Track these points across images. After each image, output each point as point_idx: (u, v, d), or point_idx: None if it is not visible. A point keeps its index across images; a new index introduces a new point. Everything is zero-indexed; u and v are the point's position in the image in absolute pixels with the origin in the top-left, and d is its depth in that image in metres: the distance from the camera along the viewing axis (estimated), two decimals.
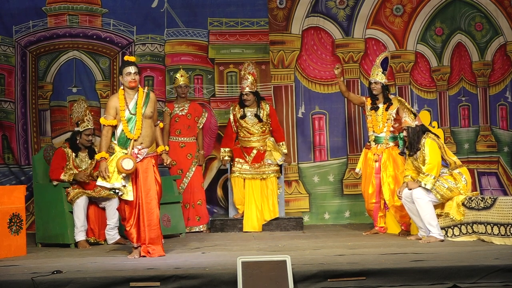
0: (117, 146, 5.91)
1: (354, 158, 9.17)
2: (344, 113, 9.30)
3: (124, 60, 6.06)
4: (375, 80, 7.64)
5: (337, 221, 9.12)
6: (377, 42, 9.40)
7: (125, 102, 5.92)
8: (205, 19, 9.19)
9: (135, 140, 5.87)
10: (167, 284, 4.70)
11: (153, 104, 6.02)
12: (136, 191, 5.87)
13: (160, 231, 5.98)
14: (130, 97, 5.95)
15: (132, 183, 5.87)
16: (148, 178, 5.91)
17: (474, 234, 6.52)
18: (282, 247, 6.51)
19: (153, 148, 6.02)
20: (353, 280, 4.71)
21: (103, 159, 5.85)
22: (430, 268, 4.81)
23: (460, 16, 9.43)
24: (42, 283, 4.67)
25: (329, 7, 9.36)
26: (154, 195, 5.90)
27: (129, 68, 5.94)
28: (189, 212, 8.23)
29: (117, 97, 5.97)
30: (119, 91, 6.00)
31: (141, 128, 5.88)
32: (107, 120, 5.94)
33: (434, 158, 6.64)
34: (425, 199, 6.58)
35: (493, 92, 9.47)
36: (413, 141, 6.79)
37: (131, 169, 5.77)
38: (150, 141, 5.96)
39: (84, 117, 7.28)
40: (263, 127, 8.23)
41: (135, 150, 5.87)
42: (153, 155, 6.02)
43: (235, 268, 4.62)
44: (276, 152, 8.17)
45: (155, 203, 5.90)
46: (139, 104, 5.90)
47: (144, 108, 5.92)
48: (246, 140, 8.26)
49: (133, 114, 5.89)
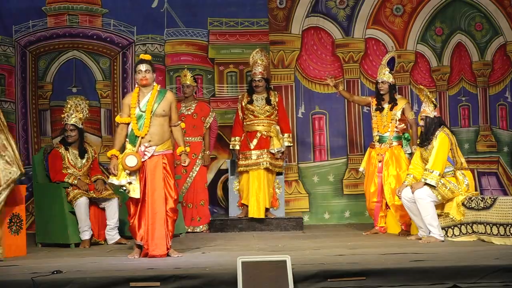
0: (128, 143, 5.93)
1: (354, 158, 9.18)
2: (344, 113, 9.30)
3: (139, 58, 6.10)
4: (382, 79, 7.63)
5: (337, 221, 9.12)
6: (377, 42, 9.40)
7: (137, 99, 5.93)
8: (205, 19, 9.20)
9: (142, 137, 5.87)
10: (167, 284, 4.70)
11: (168, 103, 5.94)
12: (144, 188, 5.86)
13: (167, 232, 5.87)
14: (143, 95, 5.95)
15: (140, 180, 5.86)
16: (156, 177, 5.86)
17: (474, 234, 6.52)
18: (282, 247, 6.50)
19: (165, 146, 5.94)
20: (353, 280, 4.71)
21: (114, 157, 5.87)
22: (430, 268, 4.81)
23: (460, 16, 9.44)
24: (42, 283, 4.67)
25: (329, 7, 9.36)
26: (160, 195, 5.83)
27: (140, 66, 5.95)
28: (192, 212, 8.23)
29: (131, 94, 6.00)
30: (134, 89, 6.03)
31: (149, 126, 5.86)
32: (120, 118, 5.98)
33: (441, 154, 6.60)
34: (427, 199, 6.57)
35: (493, 92, 9.48)
36: (428, 131, 6.74)
37: (134, 166, 5.78)
38: (160, 139, 5.90)
39: (66, 112, 7.29)
40: (270, 110, 8.18)
41: (142, 147, 5.87)
42: (165, 153, 5.93)
43: (235, 268, 4.62)
44: (276, 140, 8.13)
45: (160, 202, 5.82)
46: (150, 102, 5.89)
47: (156, 106, 5.90)
48: (250, 124, 8.20)
49: (143, 112, 5.89)
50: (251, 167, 8.08)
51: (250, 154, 8.11)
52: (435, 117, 6.78)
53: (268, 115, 8.18)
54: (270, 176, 8.15)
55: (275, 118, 8.22)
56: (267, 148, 8.08)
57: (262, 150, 8.08)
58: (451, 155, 6.71)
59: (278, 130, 8.16)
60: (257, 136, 8.12)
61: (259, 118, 8.17)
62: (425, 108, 6.81)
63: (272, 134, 8.13)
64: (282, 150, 8.15)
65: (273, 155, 8.10)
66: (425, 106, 6.82)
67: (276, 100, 8.22)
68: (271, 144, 8.11)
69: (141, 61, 5.99)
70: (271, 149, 8.08)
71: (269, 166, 8.04)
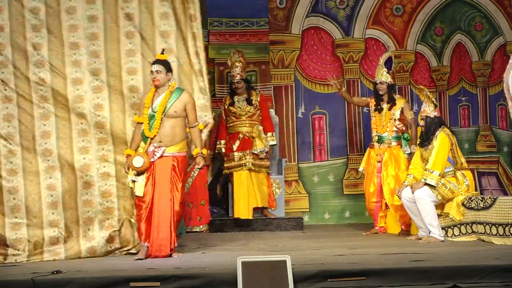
0: (142, 142, 5.93)
1: (354, 158, 9.18)
2: (344, 113, 9.30)
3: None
4: (381, 80, 7.63)
5: (337, 221, 9.13)
6: (377, 42, 9.41)
7: (151, 100, 5.89)
8: (205, 19, 9.18)
9: (152, 138, 5.86)
10: (167, 284, 4.69)
11: (182, 104, 5.87)
12: (152, 189, 5.84)
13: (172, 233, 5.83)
14: (158, 95, 5.91)
15: (148, 180, 5.85)
16: (164, 179, 5.81)
17: (474, 234, 6.52)
18: (282, 247, 6.50)
19: (177, 147, 5.88)
20: (353, 280, 4.71)
21: (128, 156, 5.88)
22: (430, 268, 4.80)
23: (460, 16, 9.44)
24: (42, 283, 4.67)
25: (329, 7, 9.36)
26: (167, 197, 5.79)
27: (152, 66, 5.92)
28: (191, 212, 8.23)
29: (147, 94, 5.97)
30: (151, 89, 6.00)
31: (158, 127, 5.83)
32: (138, 118, 5.96)
33: (441, 154, 6.60)
34: (427, 199, 6.57)
35: (493, 92, 9.49)
36: (428, 131, 6.74)
37: (141, 166, 5.77)
38: (171, 140, 5.85)
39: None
40: (252, 111, 8.19)
41: (151, 147, 5.86)
42: (176, 155, 5.87)
43: (235, 268, 4.62)
44: (259, 141, 8.13)
45: (167, 204, 5.78)
46: (162, 103, 5.85)
47: (168, 106, 5.85)
48: (232, 126, 8.24)
49: (155, 112, 5.87)
50: (234, 168, 8.10)
51: (233, 156, 8.12)
52: (435, 117, 6.77)
53: (250, 116, 8.19)
54: (260, 176, 8.13)
55: (258, 118, 8.24)
56: (249, 149, 8.09)
57: (245, 151, 8.09)
58: (451, 155, 6.71)
59: (260, 130, 8.17)
60: (240, 138, 8.15)
61: (241, 119, 8.19)
62: (425, 108, 6.81)
63: (255, 135, 8.14)
64: (265, 150, 8.14)
65: (256, 156, 8.09)
66: (425, 106, 6.82)
67: (258, 100, 8.23)
68: (254, 145, 8.11)
69: (155, 61, 5.95)
70: (253, 150, 8.09)
71: (252, 167, 8.03)
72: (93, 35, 6.14)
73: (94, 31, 6.15)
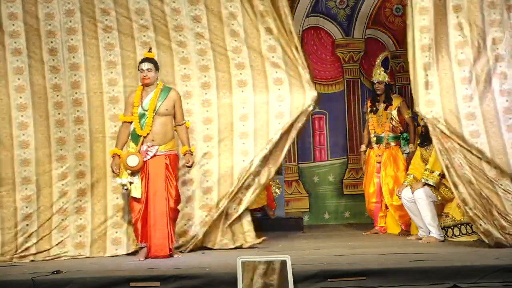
0: (131, 142, 5.91)
1: (354, 158, 9.18)
2: (344, 113, 9.30)
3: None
4: (378, 80, 7.65)
5: (337, 221, 9.13)
6: (377, 42, 9.40)
7: (140, 98, 5.90)
8: None
9: (144, 137, 5.86)
10: (167, 284, 4.70)
11: (171, 102, 5.91)
12: (145, 189, 5.84)
13: (169, 232, 5.84)
14: (146, 93, 5.92)
15: (142, 180, 5.85)
16: (158, 178, 5.83)
17: (474, 234, 6.51)
18: (282, 247, 6.51)
19: (168, 146, 5.91)
20: (353, 280, 4.71)
21: (115, 156, 5.87)
22: (430, 268, 4.81)
23: None
24: (42, 283, 4.67)
25: (329, 7, 9.36)
26: (162, 196, 5.81)
27: (141, 64, 5.93)
28: None
29: (134, 92, 5.97)
30: (138, 87, 6.01)
31: (151, 125, 5.84)
32: (124, 117, 5.96)
33: None
34: (427, 199, 6.57)
35: None
36: (428, 131, 6.72)
37: (136, 165, 5.77)
38: (162, 138, 5.87)
39: None
40: None
41: (144, 146, 5.86)
42: (168, 153, 5.90)
43: (235, 268, 4.62)
44: None
45: (162, 203, 5.81)
46: (153, 100, 5.86)
47: (159, 104, 5.87)
48: None
49: (146, 111, 5.87)
50: None
51: None
52: None
53: None
54: None
55: None
56: None
57: None
58: None
59: None
60: None
61: None
62: None
63: None
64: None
65: None
66: None
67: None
68: None
69: (144, 59, 5.96)
70: None
71: None
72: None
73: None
